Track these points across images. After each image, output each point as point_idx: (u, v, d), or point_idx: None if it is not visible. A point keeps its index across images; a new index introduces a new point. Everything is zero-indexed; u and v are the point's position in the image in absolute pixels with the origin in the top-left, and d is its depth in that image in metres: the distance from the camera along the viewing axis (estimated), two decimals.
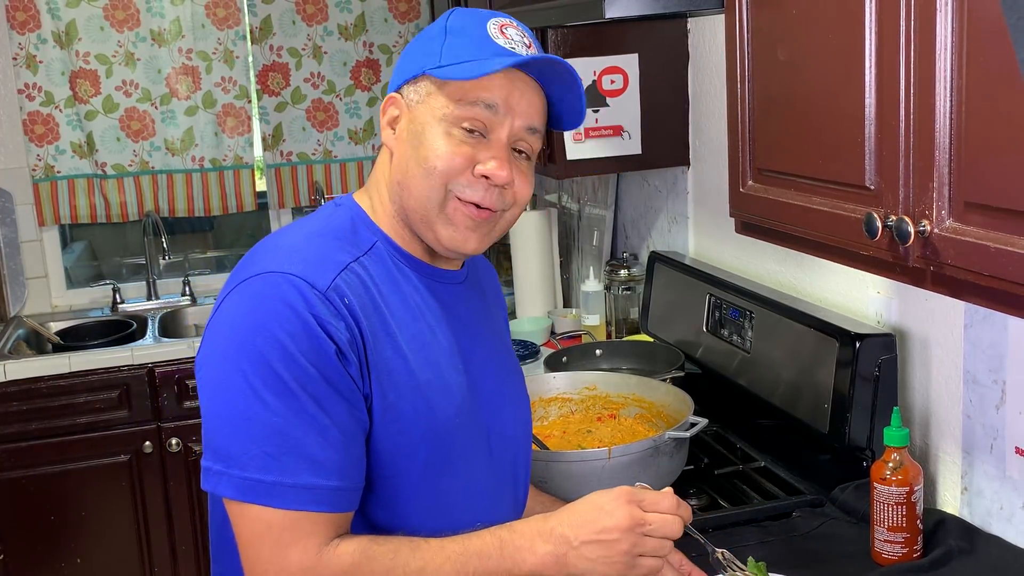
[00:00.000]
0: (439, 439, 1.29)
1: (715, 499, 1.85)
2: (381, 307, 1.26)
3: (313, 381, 1.17)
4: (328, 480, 1.18)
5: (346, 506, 1.21)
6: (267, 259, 1.25)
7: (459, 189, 1.27)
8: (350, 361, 1.20)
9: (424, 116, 1.28)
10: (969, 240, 1.08)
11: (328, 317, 1.19)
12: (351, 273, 1.25)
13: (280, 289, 1.19)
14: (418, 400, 1.26)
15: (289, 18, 3.76)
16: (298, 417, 1.17)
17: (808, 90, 1.34)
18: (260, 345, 1.17)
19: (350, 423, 1.21)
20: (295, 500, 1.17)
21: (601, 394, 2.10)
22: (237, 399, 1.17)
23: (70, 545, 3.19)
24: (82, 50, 3.59)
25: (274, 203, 3.89)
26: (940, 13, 1.08)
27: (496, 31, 1.27)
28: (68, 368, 3.13)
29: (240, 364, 1.17)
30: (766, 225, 1.49)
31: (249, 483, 1.17)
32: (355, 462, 1.22)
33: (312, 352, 1.17)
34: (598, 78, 2.42)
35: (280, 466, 1.16)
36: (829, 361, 1.79)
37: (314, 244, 1.27)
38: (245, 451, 1.17)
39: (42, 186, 3.64)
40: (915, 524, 1.56)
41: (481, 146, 1.27)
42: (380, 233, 1.32)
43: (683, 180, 2.58)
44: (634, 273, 2.80)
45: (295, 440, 1.17)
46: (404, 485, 1.28)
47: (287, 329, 1.17)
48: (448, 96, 1.26)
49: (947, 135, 1.10)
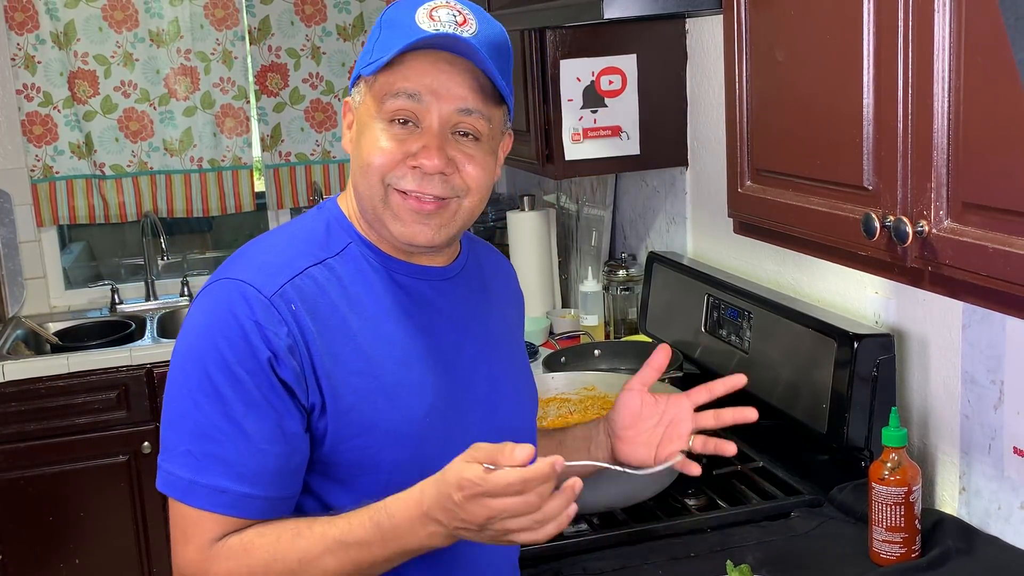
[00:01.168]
0: (407, 440, 1.28)
1: (713, 499, 1.85)
2: (342, 309, 1.26)
3: (243, 388, 1.20)
4: (240, 486, 1.21)
5: (256, 514, 1.22)
6: (230, 265, 1.29)
7: (395, 181, 1.26)
8: (288, 367, 1.21)
9: (363, 117, 1.29)
10: (967, 240, 1.08)
11: (268, 323, 1.21)
12: (307, 278, 1.26)
13: (229, 295, 1.23)
14: (379, 401, 1.26)
15: (287, 19, 3.76)
16: (222, 421, 1.20)
17: (806, 90, 1.34)
18: (201, 349, 1.22)
19: (275, 434, 1.22)
20: (204, 500, 1.21)
21: (600, 394, 2.10)
22: (176, 397, 1.24)
23: (69, 545, 3.19)
24: (80, 51, 3.59)
25: (272, 203, 3.90)
26: (938, 14, 1.08)
27: (424, 16, 1.24)
28: (67, 368, 3.13)
29: (184, 365, 1.24)
30: (764, 225, 1.49)
31: (171, 478, 1.22)
32: (275, 473, 1.22)
33: (247, 359, 1.20)
34: (596, 79, 2.42)
35: (197, 465, 1.21)
36: (827, 361, 1.79)
37: (278, 249, 1.30)
38: (175, 447, 1.23)
39: (40, 187, 3.64)
40: (913, 524, 1.56)
41: (413, 136, 1.25)
42: (355, 234, 1.33)
43: (681, 180, 2.58)
44: (632, 273, 2.80)
45: (215, 442, 1.21)
46: (373, 485, 1.26)
47: (226, 335, 1.21)
48: (375, 94, 1.27)
49: (945, 135, 1.10)
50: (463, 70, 1.25)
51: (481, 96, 1.27)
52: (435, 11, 1.24)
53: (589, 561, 1.63)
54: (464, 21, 1.24)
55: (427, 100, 1.24)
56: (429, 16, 1.24)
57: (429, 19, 1.24)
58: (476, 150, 1.28)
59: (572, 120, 2.41)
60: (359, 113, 1.30)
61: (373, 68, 1.25)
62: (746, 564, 1.50)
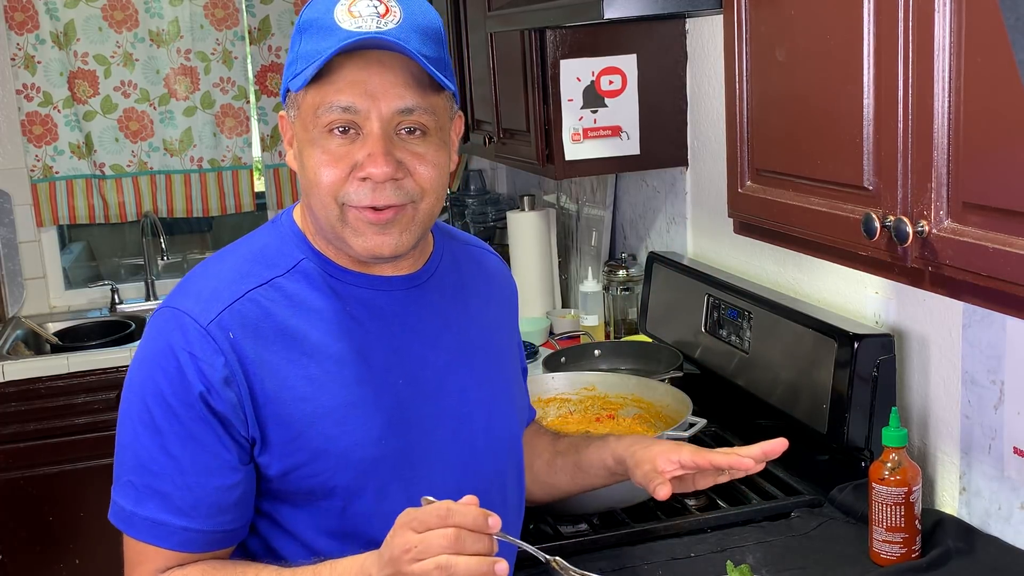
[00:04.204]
0: (360, 464, 1.25)
1: (713, 500, 1.85)
2: (289, 331, 1.23)
3: (178, 422, 1.20)
4: (178, 519, 1.21)
5: (194, 548, 1.22)
6: (177, 291, 1.28)
7: (348, 198, 1.20)
8: (223, 399, 1.19)
9: (301, 132, 1.23)
10: (967, 240, 1.08)
11: (203, 354, 1.19)
12: (248, 302, 1.23)
13: (167, 325, 1.23)
14: (327, 426, 1.23)
15: (288, 19, 3.76)
16: (159, 454, 1.20)
17: (806, 90, 1.34)
18: (141, 380, 1.23)
19: (211, 467, 1.20)
20: (143, 532, 1.22)
21: (600, 395, 2.10)
22: (122, 426, 1.25)
23: (68, 545, 3.19)
24: (80, 51, 3.59)
25: (272, 204, 3.90)
26: (938, 13, 1.08)
27: (343, 13, 1.16)
28: (66, 369, 3.12)
29: (128, 395, 1.24)
30: (764, 225, 1.49)
31: (116, 507, 1.24)
32: (215, 507, 1.21)
33: (181, 392, 1.19)
34: (596, 79, 2.42)
35: (138, 496, 1.22)
36: (827, 361, 1.79)
37: (222, 274, 1.27)
38: (119, 476, 1.25)
39: (40, 187, 3.64)
40: (913, 524, 1.56)
41: (356, 144, 1.19)
42: (309, 249, 1.28)
43: (681, 180, 2.58)
44: (632, 273, 2.80)
45: (153, 475, 1.21)
46: (329, 510, 1.25)
47: (163, 367, 1.20)
48: (308, 107, 1.20)
49: (945, 135, 1.10)
50: (395, 66, 1.18)
51: (419, 90, 1.19)
52: (353, 5, 1.17)
53: (589, 561, 1.63)
54: (386, 11, 1.17)
55: (364, 106, 1.17)
56: (348, 12, 1.16)
57: (348, 15, 1.16)
58: (425, 147, 1.21)
59: (572, 120, 2.41)
60: (296, 128, 1.24)
61: (301, 83, 1.18)
62: (746, 564, 1.50)
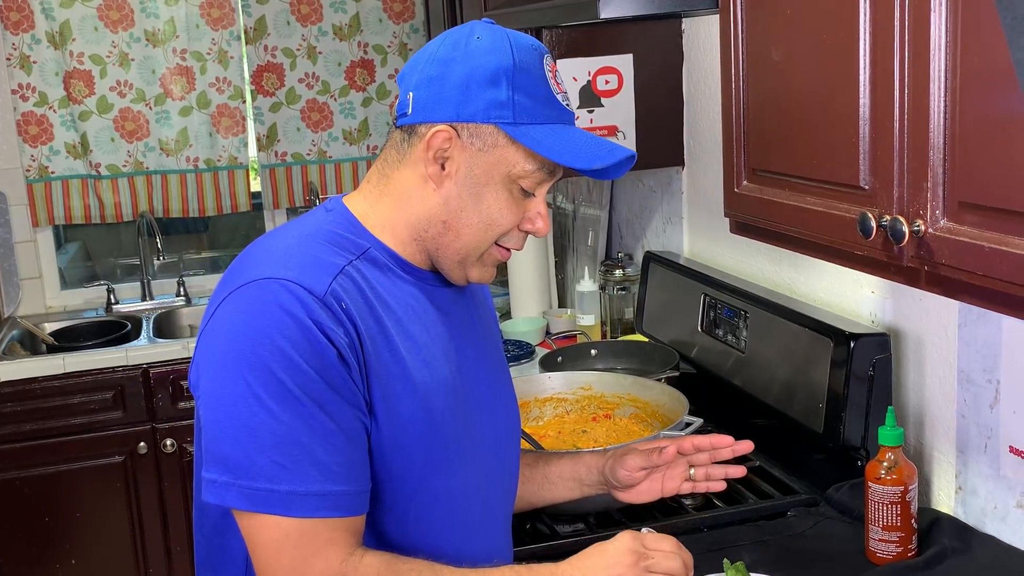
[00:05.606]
0: (435, 440, 1.29)
1: (710, 499, 1.85)
2: (377, 310, 1.25)
3: (317, 387, 1.17)
4: (338, 485, 1.18)
5: (359, 509, 1.22)
6: (260, 264, 1.23)
7: (506, 241, 1.32)
8: (350, 365, 1.20)
9: (488, 168, 1.26)
10: (963, 240, 1.08)
11: (328, 322, 1.18)
12: (346, 277, 1.23)
13: (278, 295, 1.18)
14: (415, 402, 1.26)
15: (284, 18, 3.76)
16: (305, 424, 1.16)
17: (802, 90, 1.34)
18: (262, 354, 1.16)
19: (355, 427, 1.21)
20: (310, 507, 1.17)
21: (596, 394, 2.10)
22: (241, 409, 1.16)
23: (64, 546, 3.18)
24: (76, 50, 3.59)
25: (269, 204, 3.89)
26: (934, 13, 1.08)
27: (552, 82, 1.27)
28: (62, 369, 3.12)
29: (243, 374, 1.16)
30: (761, 225, 1.49)
31: (261, 493, 1.16)
32: (361, 465, 1.22)
33: (315, 358, 1.17)
34: (593, 78, 2.42)
35: (291, 475, 1.16)
36: (824, 361, 1.80)
37: (307, 247, 1.25)
38: (253, 461, 1.16)
39: (36, 187, 3.63)
40: (910, 523, 1.56)
41: (529, 200, 1.31)
42: (372, 238, 1.31)
43: (678, 180, 2.59)
44: (629, 273, 2.80)
45: (304, 448, 1.16)
46: (403, 487, 1.28)
47: (288, 336, 1.16)
48: (520, 157, 1.26)
49: (941, 135, 1.10)
50: None
51: None
52: (556, 74, 1.29)
53: None
54: (560, 88, 1.30)
55: (555, 174, 1.31)
56: (555, 81, 1.28)
57: (556, 86, 1.28)
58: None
59: None
60: (479, 161, 1.26)
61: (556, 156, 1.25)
62: (742, 563, 1.50)
